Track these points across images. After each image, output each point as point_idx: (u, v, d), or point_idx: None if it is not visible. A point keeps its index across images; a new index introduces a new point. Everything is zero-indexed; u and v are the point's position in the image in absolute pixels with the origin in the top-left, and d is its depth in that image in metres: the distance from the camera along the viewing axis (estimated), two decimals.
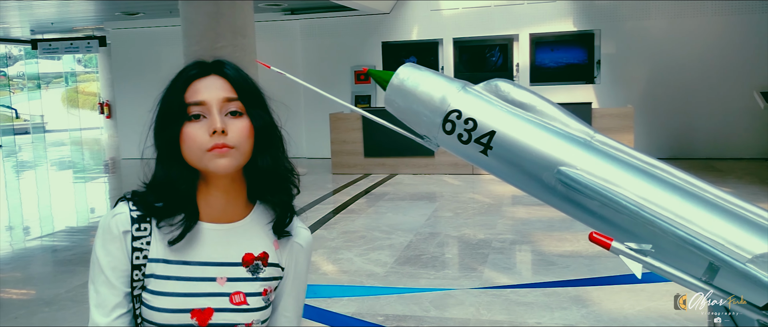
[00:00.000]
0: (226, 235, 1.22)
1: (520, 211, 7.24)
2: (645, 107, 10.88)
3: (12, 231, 7.58)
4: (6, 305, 4.71)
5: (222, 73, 1.20)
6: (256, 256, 1.22)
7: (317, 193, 8.80)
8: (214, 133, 1.14)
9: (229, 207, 1.22)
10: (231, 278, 1.20)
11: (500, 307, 4.21)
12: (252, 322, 1.20)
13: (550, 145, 1.61)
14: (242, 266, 1.21)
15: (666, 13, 10.85)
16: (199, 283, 1.18)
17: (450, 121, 1.71)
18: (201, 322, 1.16)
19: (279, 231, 1.25)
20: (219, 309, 1.17)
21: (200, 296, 1.17)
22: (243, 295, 1.19)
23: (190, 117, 1.16)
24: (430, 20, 11.86)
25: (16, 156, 16.18)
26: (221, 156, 1.14)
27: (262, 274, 1.22)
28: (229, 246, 1.22)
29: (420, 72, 1.82)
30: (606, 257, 5.30)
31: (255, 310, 1.20)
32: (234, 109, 1.17)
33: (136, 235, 1.18)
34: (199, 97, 1.16)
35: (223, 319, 1.17)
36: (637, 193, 1.48)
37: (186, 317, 1.16)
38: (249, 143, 1.18)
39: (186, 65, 1.23)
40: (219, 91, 1.17)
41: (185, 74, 1.20)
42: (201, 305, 1.17)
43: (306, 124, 12.78)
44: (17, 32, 17.43)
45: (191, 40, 8.01)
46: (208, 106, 1.16)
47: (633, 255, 1.32)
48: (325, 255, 5.65)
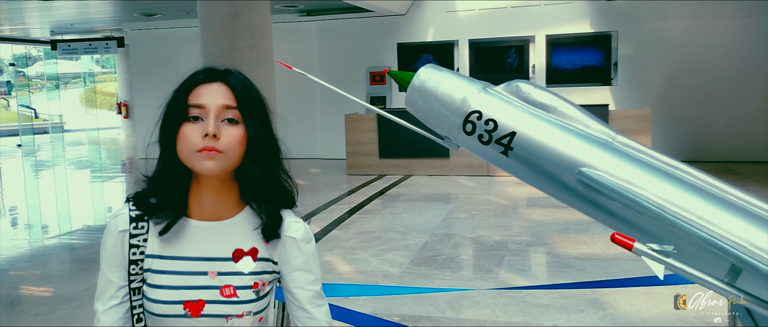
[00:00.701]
0: (217, 232, 1.30)
1: (535, 213, 7.22)
2: (662, 109, 10.80)
3: (31, 229, 7.69)
4: (27, 302, 4.79)
5: (226, 81, 1.28)
6: (246, 252, 1.30)
7: (332, 193, 8.83)
8: (206, 136, 1.21)
9: (219, 206, 1.30)
10: (221, 272, 1.28)
11: (516, 309, 4.21)
12: (243, 313, 1.27)
13: (571, 146, 1.62)
14: (232, 261, 1.29)
15: (684, 15, 10.76)
16: (191, 277, 1.27)
17: (470, 122, 1.72)
18: (193, 313, 1.26)
19: (266, 235, 1.32)
20: (210, 301, 1.26)
21: (192, 289, 1.26)
22: (233, 288, 1.27)
23: (189, 118, 1.24)
24: (445, 21, 11.86)
25: (35, 155, 16.39)
26: (208, 158, 1.21)
27: (252, 268, 1.29)
28: (220, 242, 1.29)
29: (441, 73, 1.83)
30: (622, 260, 5.27)
31: (245, 302, 1.28)
32: (231, 117, 1.25)
33: (134, 232, 1.29)
34: (200, 100, 1.24)
35: (214, 311, 1.26)
36: (659, 195, 1.48)
37: (179, 308, 1.26)
38: (239, 150, 1.26)
39: (197, 69, 1.31)
40: (220, 97, 1.25)
41: (193, 78, 1.29)
42: (193, 297, 1.26)
43: (321, 125, 12.83)
44: (37, 33, 17.66)
45: (209, 41, 8.08)
46: (206, 110, 1.24)
47: (655, 256, 1.32)
48: (341, 255, 5.67)
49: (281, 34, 11.77)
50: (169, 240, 1.29)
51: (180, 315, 1.26)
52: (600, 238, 5.96)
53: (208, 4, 8.03)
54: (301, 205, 5.72)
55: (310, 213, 7.51)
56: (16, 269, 5.75)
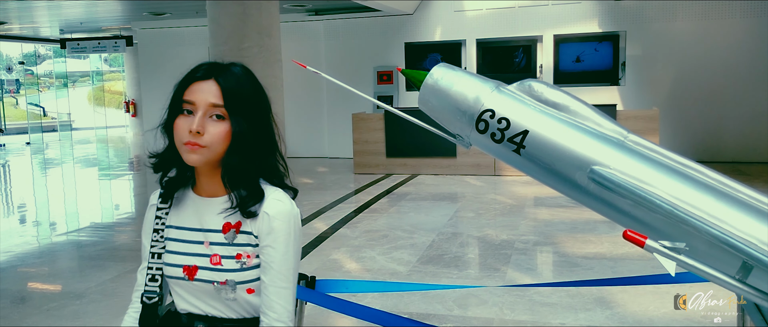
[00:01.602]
0: (213, 207, 1.48)
1: (542, 213, 7.22)
2: (670, 110, 10.78)
3: (40, 226, 7.75)
4: (37, 298, 4.83)
5: (218, 80, 1.41)
6: (232, 225, 1.46)
7: (339, 192, 8.86)
8: (191, 132, 1.37)
9: (214, 186, 1.48)
10: (212, 242, 1.46)
11: (523, 308, 4.22)
12: (226, 280, 1.44)
13: (583, 145, 1.63)
14: (222, 233, 1.46)
15: (692, 15, 10.74)
16: (191, 245, 1.48)
17: (483, 121, 1.74)
18: (189, 276, 1.46)
19: (242, 212, 1.45)
20: (202, 267, 1.46)
21: (190, 255, 1.47)
22: (219, 257, 1.45)
23: (183, 111, 1.40)
24: (453, 21, 11.87)
25: (43, 153, 16.49)
26: (192, 152, 1.38)
27: (236, 240, 1.45)
28: (215, 216, 1.47)
29: (454, 72, 1.85)
30: (630, 259, 5.28)
31: (228, 271, 1.44)
32: (219, 114, 1.39)
33: (160, 206, 1.53)
34: (192, 97, 1.40)
35: (204, 276, 1.45)
36: (670, 193, 1.50)
37: (180, 271, 1.47)
38: (223, 145, 1.40)
39: (197, 65, 1.46)
40: (209, 95, 1.39)
41: (191, 75, 1.44)
42: (189, 263, 1.47)
43: (328, 124, 12.86)
44: (46, 32, 17.77)
45: (218, 41, 8.12)
46: (196, 107, 1.39)
47: (667, 253, 1.34)
48: (348, 253, 5.70)
49: (289, 33, 11.81)
50: (180, 212, 1.51)
51: (180, 277, 1.47)
52: (607, 238, 5.96)
53: (217, 4, 8.07)
54: (310, 203, 5.82)
55: (317, 211, 7.54)
56: (26, 266, 5.81)
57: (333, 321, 4.09)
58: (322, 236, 6.35)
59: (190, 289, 1.48)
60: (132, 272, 5.34)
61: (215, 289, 1.44)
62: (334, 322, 4.07)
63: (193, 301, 1.48)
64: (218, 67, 1.43)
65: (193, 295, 1.48)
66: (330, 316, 4.10)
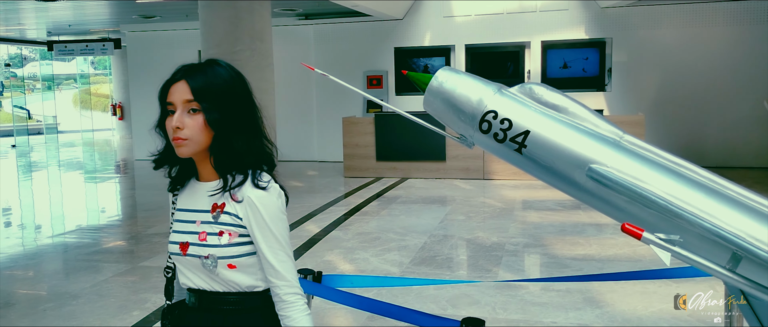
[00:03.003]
0: (204, 189, 1.66)
1: (531, 216, 7.34)
2: (655, 115, 10.97)
3: (26, 229, 7.73)
4: (34, 299, 4.85)
5: (187, 80, 1.58)
6: (219, 206, 1.63)
7: (330, 195, 8.92)
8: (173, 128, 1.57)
9: (207, 172, 1.66)
10: (203, 221, 1.64)
11: (515, 307, 4.32)
12: (208, 255, 1.59)
13: (581, 145, 1.72)
14: (210, 213, 1.63)
15: (677, 23, 10.95)
16: (186, 224, 1.66)
17: (486, 121, 1.83)
18: (183, 251, 1.64)
19: (224, 188, 1.61)
20: (192, 243, 1.63)
21: (185, 233, 1.65)
22: (205, 233, 1.62)
23: (169, 112, 1.59)
24: (442, 26, 12.00)
25: (29, 156, 16.38)
26: (178, 146, 1.57)
27: (220, 219, 1.61)
28: (207, 198, 1.64)
29: (457, 75, 1.94)
30: (618, 260, 5.40)
31: (210, 246, 1.60)
32: (193, 108, 1.57)
33: (173, 193, 1.75)
34: (170, 98, 1.59)
35: (194, 252, 1.62)
36: (664, 190, 1.59)
37: (177, 248, 1.65)
38: (204, 134, 1.57)
39: (175, 70, 1.63)
40: (183, 94, 1.57)
41: (169, 79, 1.61)
42: (184, 240, 1.65)
43: (318, 128, 12.92)
44: (33, 34, 17.67)
45: (210, 44, 8.17)
46: (175, 106, 1.58)
47: (662, 244, 1.43)
48: (342, 255, 5.77)
49: (279, 37, 11.85)
50: (185, 197, 1.71)
51: (177, 253, 1.65)
52: (595, 240, 6.08)
53: (210, 7, 8.12)
54: (300, 206, 5.93)
55: (309, 214, 7.60)
56: (18, 268, 5.81)
57: (339, 314, 4.15)
58: (315, 238, 6.41)
59: (185, 264, 1.65)
60: (125, 274, 5.37)
61: (201, 263, 1.61)
62: (340, 315, 4.14)
63: (189, 274, 1.66)
64: (191, 68, 1.61)
65: (187, 268, 1.66)
66: (335, 309, 4.17)
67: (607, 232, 6.39)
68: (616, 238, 6.13)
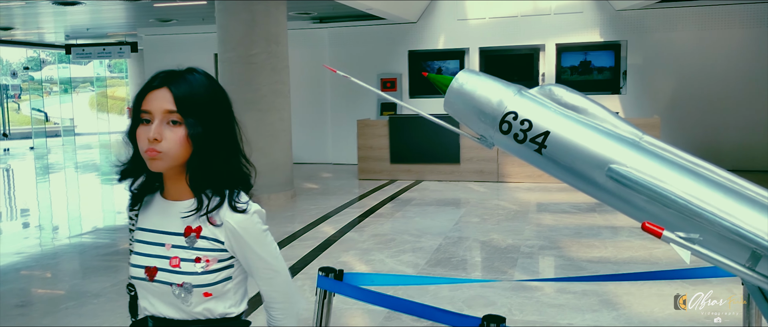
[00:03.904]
0: (177, 210, 1.50)
1: (546, 218, 7.34)
2: (671, 118, 10.92)
3: (44, 230, 7.84)
4: (54, 299, 4.93)
5: (170, 87, 1.44)
6: (193, 229, 1.48)
7: (345, 197, 8.97)
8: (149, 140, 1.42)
9: (177, 190, 1.51)
10: (174, 245, 1.48)
11: (532, 309, 4.33)
12: (183, 283, 1.45)
13: (601, 145, 1.75)
14: (183, 236, 1.49)
15: (692, 25, 10.90)
16: (153, 247, 1.50)
17: (506, 122, 1.86)
18: (150, 277, 1.48)
19: (199, 211, 1.49)
20: (161, 268, 1.48)
21: (152, 257, 1.49)
22: (178, 259, 1.47)
23: (142, 120, 1.44)
24: (456, 29, 12.02)
25: (46, 158, 16.59)
26: (152, 159, 1.42)
27: (197, 245, 1.47)
28: (178, 219, 1.49)
29: (478, 76, 1.97)
30: (634, 263, 5.39)
31: (186, 274, 1.46)
32: (174, 119, 1.42)
33: (131, 209, 1.59)
34: (148, 106, 1.43)
35: (164, 278, 1.47)
36: (684, 189, 1.61)
37: (142, 272, 1.50)
38: (182, 149, 1.43)
39: (152, 75, 1.49)
40: (164, 103, 1.42)
41: (147, 85, 1.47)
42: (151, 264, 1.49)
43: (332, 131, 12.99)
44: (51, 37, 17.92)
45: (227, 47, 8.25)
46: (152, 115, 1.43)
47: (683, 242, 1.45)
48: (358, 256, 5.81)
49: (294, 40, 11.95)
50: (147, 215, 1.55)
51: (142, 278, 1.49)
52: (611, 243, 6.08)
53: (227, 12, 8.21)
54: (316, 208, 5.99)
55: (324, 216, 7.65)
56: (38, 268, 5.91)
57: (356, 314, 4.19)
58: (330, 240, 6.46)
59: (150, 290, 1.50)
60: None
61: (172, 292, 1.46)
62: (357, 315, 4.17)
63: (153, 300, 1.51)
64: (172, 75, 1.46)
65: (153, 295, 1.50)
66: (352, 309, 4.21)
67: (622, 234, 6.38)
68: (631, 240, 6.12)
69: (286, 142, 8.73)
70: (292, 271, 5.31)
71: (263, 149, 8.35)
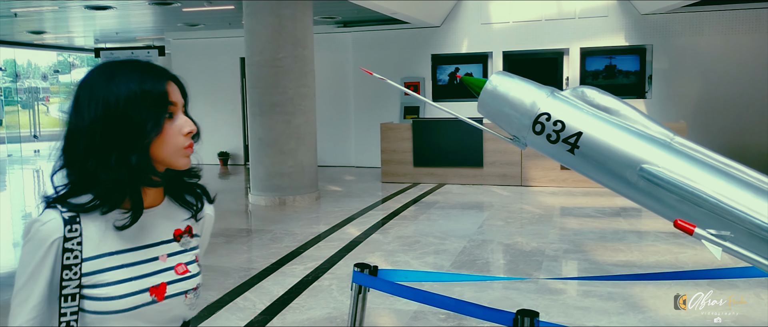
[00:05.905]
0: (154, 219, 1.35)
1: (571, 222, 7.34)
2: (697, 123, 10.84)
3: None
4: None
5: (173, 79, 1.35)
6: (183, 230, 1.40)
7: (368, 200, 9.04)
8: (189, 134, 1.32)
9: (152, 194, 1.35)
10: (170, 253, 1.36)
11: (558, 311, 4.36)
12: (197, 286, 1.38)
13: (633, 145, 1.80)
14: (176, 241, 1.38)
15: (719, 29, 10.81)
16: (147, 264, 1.31)
17: (540, 123, 1.92)
18: (159, 297, 1.30)
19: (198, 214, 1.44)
20: (170, 282, 1.33)
21: (152, 275, 1.31)
22: (184, 264, 1.37)
23: (168, 114, 1.31)
24: (480, 33, 12.05)
25: None
26: (188, 155, 1.32)
27: (191, 244, 1.41)
28: (159, 227, 1.36)
29: (511, 79, 2.03)
30: (659, 267, 5.38)
31: (196, 276, 1.38)
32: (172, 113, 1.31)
33: (68, 236, 1.24)
34: (174, 97, 1.32)
35: (176, 289, 1.33)
36: (714, 189, 1.66)
37: (146, 296, 1.29)
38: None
39: (147, 64, 1.34)
40: (179, 95, 1.34)
41: (161, 75, 1.34)
42: (155, 282, 1.31)
43: (355, 134, 13.08)
44: (80, 41, 18.28)
45: (254, 51, 8.40)
46: (177, 108, 1.32)
47: (714, 239, 1.50)
48: (383, 257, 5.87)
49: (319, 44, 12.06)
50: (115, 235, 1.29)
51: (148, 302, 1.28)
52: (636, 247, 6.07)
53: (254, 16, 8.35)
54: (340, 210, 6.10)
55: (348, 218, 7.73)
56: None
57: (383, 313, 4.26)
58: (356, 241, 6.53)
59: (151, 314, 1.30)
60: None
61: (184, 301, 1.35)
62: (384, 314, 4.24)
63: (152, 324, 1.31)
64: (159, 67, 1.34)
65: (151, 320, 1.30)
66: (380, 308, 4.28)
67: (648, 239, 6.37)
68: (657, 245, 6.11)
69: (311, 145, 8.84)
70: (319, 271, 5.40)
71: (290, 151, 8.46)
